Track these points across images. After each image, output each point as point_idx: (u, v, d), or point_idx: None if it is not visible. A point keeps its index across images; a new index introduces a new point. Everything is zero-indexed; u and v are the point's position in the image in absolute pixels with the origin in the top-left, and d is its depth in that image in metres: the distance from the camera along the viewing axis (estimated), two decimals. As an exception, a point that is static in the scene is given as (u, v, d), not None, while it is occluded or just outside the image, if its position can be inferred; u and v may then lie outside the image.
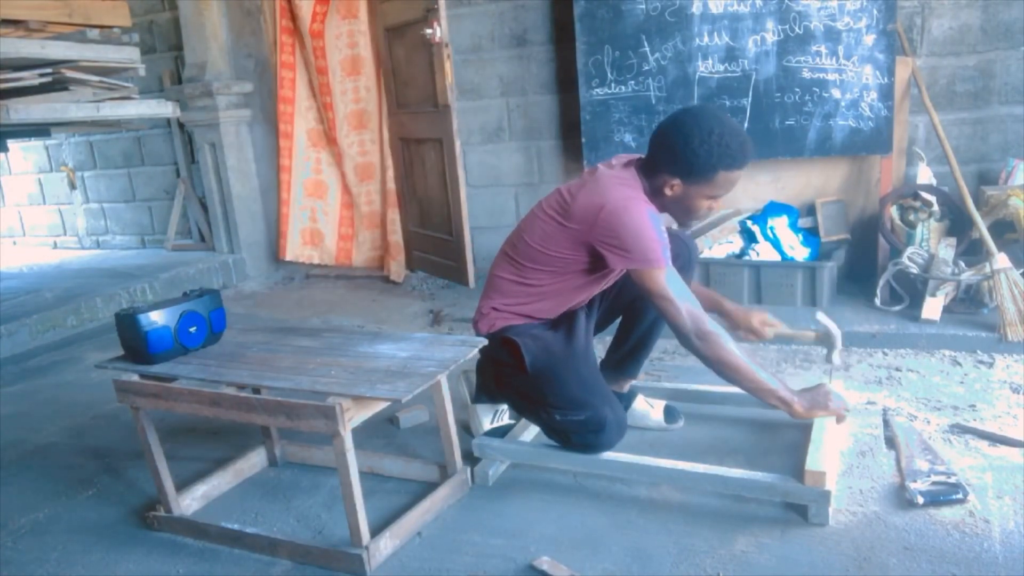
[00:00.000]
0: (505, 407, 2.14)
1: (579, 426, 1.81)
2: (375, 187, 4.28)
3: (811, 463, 1.65)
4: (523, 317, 1.93)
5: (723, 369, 1.75)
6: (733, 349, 1.73)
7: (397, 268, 4.12)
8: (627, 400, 2.12)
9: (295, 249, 4.41)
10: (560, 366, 1.84)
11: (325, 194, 4.39)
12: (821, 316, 2.04)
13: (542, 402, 1.85)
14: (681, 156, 1.71)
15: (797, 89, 3.08)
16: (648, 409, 2.12)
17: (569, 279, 1.88)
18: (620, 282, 2.02)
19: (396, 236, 4.16)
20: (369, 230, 4.34)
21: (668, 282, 1.71)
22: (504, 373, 1.94)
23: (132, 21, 3.60)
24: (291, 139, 4.29)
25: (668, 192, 1.77)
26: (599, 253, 1.76)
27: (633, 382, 2.20)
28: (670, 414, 2.12)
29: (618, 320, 2.14)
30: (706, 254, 3.13)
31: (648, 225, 1.72)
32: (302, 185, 4.35)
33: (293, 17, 4.13)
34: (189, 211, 4.76)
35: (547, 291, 1.90)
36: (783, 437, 2.01)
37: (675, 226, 2.08)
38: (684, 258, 1.98)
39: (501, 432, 2.07)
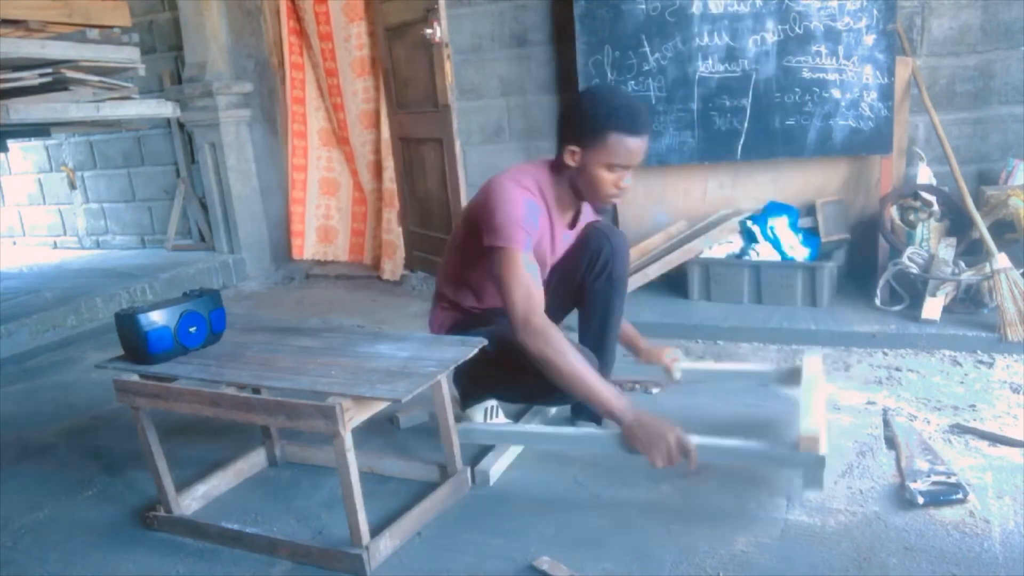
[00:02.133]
0: (494, 403, 2.14)
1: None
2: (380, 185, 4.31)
3: (804, 429, 1.67)
4: (464, 311, 2.03)
5: (545, 366, 1.71)
6: (561, 349, 1.69)
7: (392, 267, 4.13)
8: None
9: (312, 247, 4.48)
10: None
11: (337, 191, 4.46)
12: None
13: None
14: (572, 119, 1.78)
15: (797, 89, 3.08)
16: None
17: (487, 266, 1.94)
18: (557, 276, 2.05)
19: (391, 236, 4.16)
20: (378, 227, 4.38)
21: (510, 265, 1.74)
22: (487, 375, 1.95)
23: (132, 21, 3.60)
24: (305, 138, 4.35)
25: (571, 162, 1.80)
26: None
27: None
28: None
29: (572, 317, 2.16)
30: (706, 254, 3.13)
31: (514, 205, 1.76)
32: (317, 183, 4.42)
33: (299, 18, 4.16)
34: (189, 211, 4.77)
35: (477, 280, 1.99)
36: (778, 422, 2.01)
37: (591, 214, 2.11)
38: (607, 251, 1.96)
39: None
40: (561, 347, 1.70)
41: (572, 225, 2.01)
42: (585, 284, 1.98)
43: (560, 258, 2.03)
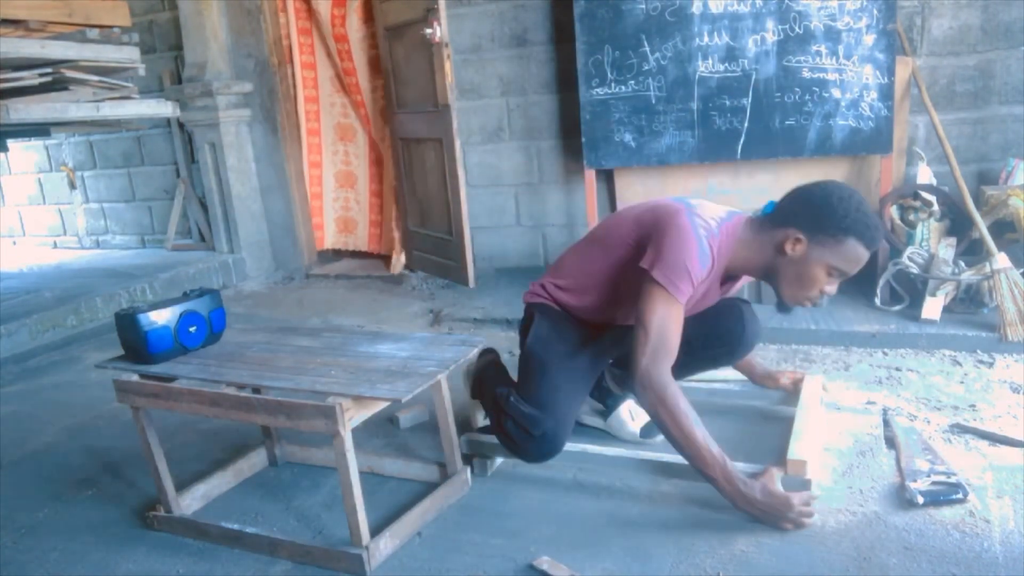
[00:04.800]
0: None
1: (520, 416, 1.76)
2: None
3: (792, 452, 1.69)
4: (563, 304, 1.90)
5: (656, 421, 1.65)
6: (675, 412, 1.60)
7: (396, 263, 4.24)
8: (614, 403, 2.09)
9: (332, 237, 4.63)
10: (549, 358, 1.81)
11: (355, 184, 4.57)
12: None
13: (515, 382, 1.88)
14: (816, 209, 1.64)
15: (797, 89, 3.08)
16: (628, 420, 2.06)
17: (611, 278, 1.82)
18: None
19: (398, 232, 4.28)
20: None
21: (659, 309, 1.61)
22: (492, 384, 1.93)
23: (132, 21, 3.60)
24: (319, 135, 4.47)
25: (789, 249, 1.65)
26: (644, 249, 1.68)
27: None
28: (648, 430, 2.03)
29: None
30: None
31: (693, 253, 1.61)
32: (333, 177, 4.55)
33: (311, 19, 4.28)
34: (189, 211, 4.77)
35: (590, 285, 1.86)
36: (773, 431, 2.01)
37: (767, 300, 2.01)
38: (735, 336, 1.90)
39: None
40: (675, 409, 1.60)
41: (724, 282, 1.84)
42: (693, 346, 1.81)
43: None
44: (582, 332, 1.90)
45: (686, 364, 1.82)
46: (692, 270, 1.61)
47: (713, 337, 1.92)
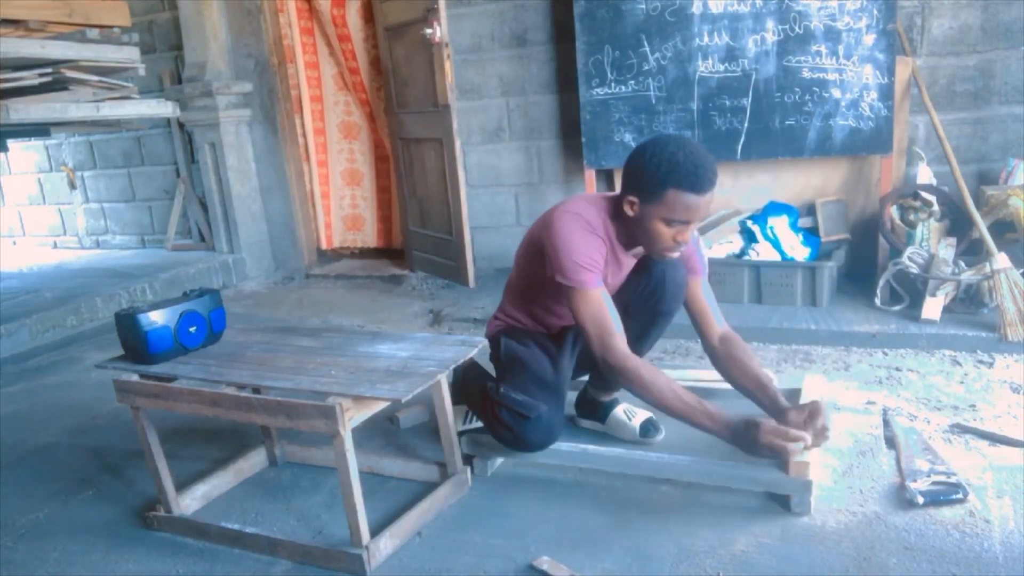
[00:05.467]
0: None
1: (513, 403, 1.83)
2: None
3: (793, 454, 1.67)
4: (516, 320, 2.03)
5: (636, 394, 1.74)
6: (641, 383, 1.69)
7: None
8: (608, 407, 2.09)
9: (340, 235, 4.69)
10: (526, 355, 1.92)
11: (361, 181, 4.63)
12: None
13: (500, 379, 1.92)
14: (634, 169, 1.73)
15: (797, 89, 3.08)
16: (626, 420, 2.06)
17: (536, 286, 1.94)
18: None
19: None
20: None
21: (581, 303, 1.74)
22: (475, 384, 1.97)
23: (132, 21, 3.60)
24: (324, 134, 4.53)
25: (629, 212, 1.75)
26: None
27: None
28: (647, 428, 2.03)
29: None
30: (706, 254, 3.13)
31: (574, 242, 1.74)
32: (339, 175, 4.61)
33: (313, 19, 4.32)
34: (189, 211, 4.77)
35: (526, 297, 2.00)
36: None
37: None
38: (656, 280, 1.89)
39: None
40: (641, 381, 1.70)
41: (637, 254, 1.93)
42: (631, 306, 1.90)
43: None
44: (544, 335, 2.02)
45: (640, 325, 1.92)
46: (582, 260, 1.74)
47: (643, 290, 1.92)
